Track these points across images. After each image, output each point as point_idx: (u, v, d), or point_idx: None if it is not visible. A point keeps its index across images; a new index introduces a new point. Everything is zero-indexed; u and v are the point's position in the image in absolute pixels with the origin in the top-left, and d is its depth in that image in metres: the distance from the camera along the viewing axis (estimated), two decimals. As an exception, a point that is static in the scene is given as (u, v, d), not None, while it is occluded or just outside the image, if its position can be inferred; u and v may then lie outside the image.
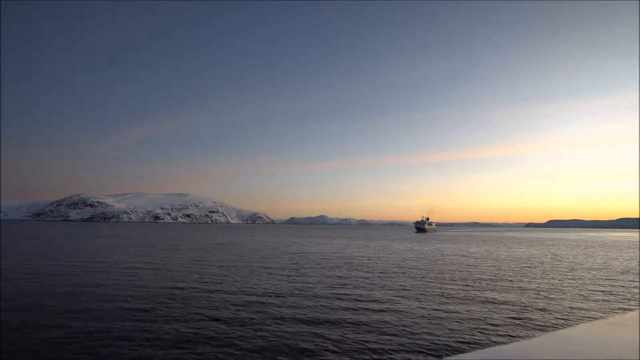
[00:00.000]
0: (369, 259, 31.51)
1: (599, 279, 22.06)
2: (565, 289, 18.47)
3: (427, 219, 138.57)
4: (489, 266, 27.47)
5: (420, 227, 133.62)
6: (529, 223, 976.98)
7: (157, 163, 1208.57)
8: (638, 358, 1.17)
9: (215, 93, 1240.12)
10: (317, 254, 35.90)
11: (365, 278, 20.75)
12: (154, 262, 26.96)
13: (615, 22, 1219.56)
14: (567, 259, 34.80)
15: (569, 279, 21.84)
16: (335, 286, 18.04)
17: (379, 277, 21.28)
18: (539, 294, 16.86)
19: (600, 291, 17.97)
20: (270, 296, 15.52)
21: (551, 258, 35.22)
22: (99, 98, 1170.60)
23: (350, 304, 14.26)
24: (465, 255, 36.53)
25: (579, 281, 20.95)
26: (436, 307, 14.10)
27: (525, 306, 14.40)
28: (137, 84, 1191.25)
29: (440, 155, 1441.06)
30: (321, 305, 13.97)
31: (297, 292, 16.50)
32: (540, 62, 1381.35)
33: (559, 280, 21.07)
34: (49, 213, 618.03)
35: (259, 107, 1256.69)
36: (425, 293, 16.61)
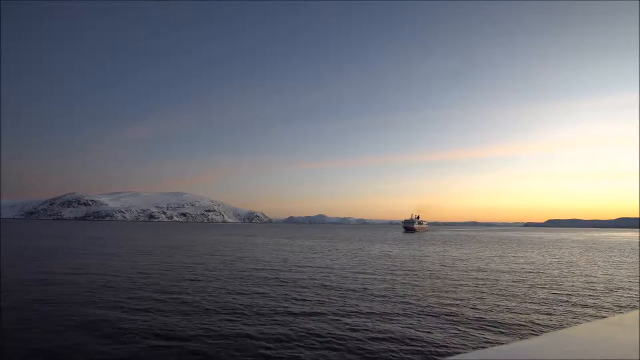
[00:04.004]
0: (315, 269, 23.88)
1: None
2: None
3: (417, 217, 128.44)
4: (475, 279, 19.74)
5: (409, 226, 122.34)
6: (527, 222, 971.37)
7: (155, 163, 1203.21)
8: (638, 358, 1.17)
9: (213, 93, 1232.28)
10: (260, 261, 28.28)
11: (272, 298, 13.10)
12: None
13: (615, 22, 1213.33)
14: (581, 266, 27.12)
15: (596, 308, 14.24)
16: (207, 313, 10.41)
17: (291, 295, 13.62)
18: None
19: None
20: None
21: (559, 266, 27.57)
22: (97, 97, 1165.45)
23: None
24: (447, 265, 28.94)
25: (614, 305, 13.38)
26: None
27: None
28: (134, 84, 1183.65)
29: (439, 154, 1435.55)
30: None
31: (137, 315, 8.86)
32: (540, 62, 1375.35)
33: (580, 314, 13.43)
34: (41, 212, 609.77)
35: (257, 107, 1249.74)
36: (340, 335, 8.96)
